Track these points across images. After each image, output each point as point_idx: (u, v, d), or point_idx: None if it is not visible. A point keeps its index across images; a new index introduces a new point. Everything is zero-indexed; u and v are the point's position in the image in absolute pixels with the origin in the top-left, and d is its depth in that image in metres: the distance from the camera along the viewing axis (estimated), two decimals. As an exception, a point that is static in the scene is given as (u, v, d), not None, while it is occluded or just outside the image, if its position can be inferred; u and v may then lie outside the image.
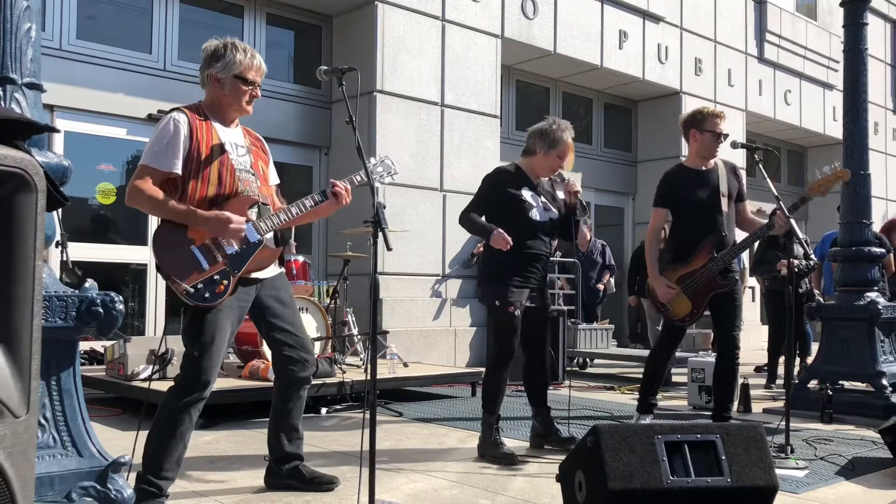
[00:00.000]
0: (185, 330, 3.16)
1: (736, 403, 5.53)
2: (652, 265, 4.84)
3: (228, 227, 3.10)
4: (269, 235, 3.29)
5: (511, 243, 4.12)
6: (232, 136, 3.30)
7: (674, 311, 4.80)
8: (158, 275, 3.19)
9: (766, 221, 4.81)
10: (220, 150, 3.19)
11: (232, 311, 3.19)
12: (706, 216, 4.74)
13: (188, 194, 3.11)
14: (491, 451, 4.19)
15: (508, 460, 4.10)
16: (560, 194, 4.50)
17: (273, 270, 3.39)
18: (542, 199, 4.40)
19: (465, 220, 4.39)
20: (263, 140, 3.52)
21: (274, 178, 3.52)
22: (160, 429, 3.10)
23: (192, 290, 3.04)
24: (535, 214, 4.31)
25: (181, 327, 3.20)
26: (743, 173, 4.95)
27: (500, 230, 4.13)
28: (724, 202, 4.77)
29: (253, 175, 3.30)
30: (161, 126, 3.15)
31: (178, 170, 3.10)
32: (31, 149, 2.19)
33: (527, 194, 4.34)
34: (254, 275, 3.26)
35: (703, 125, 4.77)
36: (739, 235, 4.92)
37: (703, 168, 4.82)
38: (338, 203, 3.34)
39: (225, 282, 3.11)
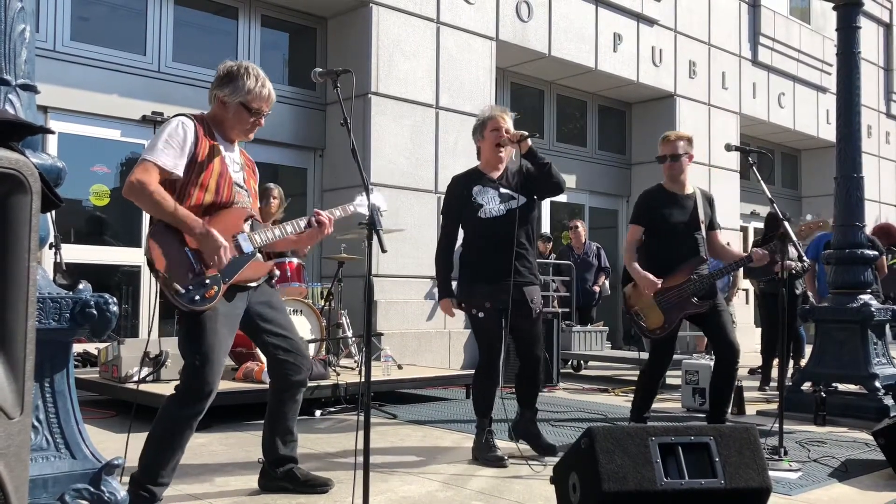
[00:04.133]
0: (184, 339, 3.14)
1: (730, 406, 5.55)
2: (632, 268, 4.83)
3: (219, 251, 3.07)
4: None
5: (454, 315, 4.43)
6: (229, 151, 3.32)
7: (647, 323, 4.85)
8: (152, 276, 3.18)
9: (735, 251, 4.88)
10: (220, 161, 3.21)
11: (229, 319, 3.19)
12: (685, 239, 4.81)
13: (185, 199, 3.10)
14: (482, 454, 4.20)
15: (497, 463, 4.10)
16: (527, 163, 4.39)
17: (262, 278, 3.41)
18: (502, 189, 4.33)
19: (437, 264, 4.45)
20: (255, 163, 3.55)
21: (258, 203, 3.57)
22: (159, 438, 3.08)
23: (182, 290, 3.03)
24: (485, 212, 4.27)
25: (178, 337, 3.19)
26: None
27: (447, 303, 4.35)
28: (702, 228, 4.86)
29: (245, 191, 3.35)
30: (170, 127, 3.13)
31: (181, 172, 3.09)
32: (26, 150, 2.18)
33: (478, 191, 4.32)
34: (246, 280, 3.28)
35: (658, 152, 4.93)
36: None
37: (681, 192, 4.89)
38: (320, 232, 3.41)
39: (215, 287, 3.10)
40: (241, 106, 3.24)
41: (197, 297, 3.05)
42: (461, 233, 4.46)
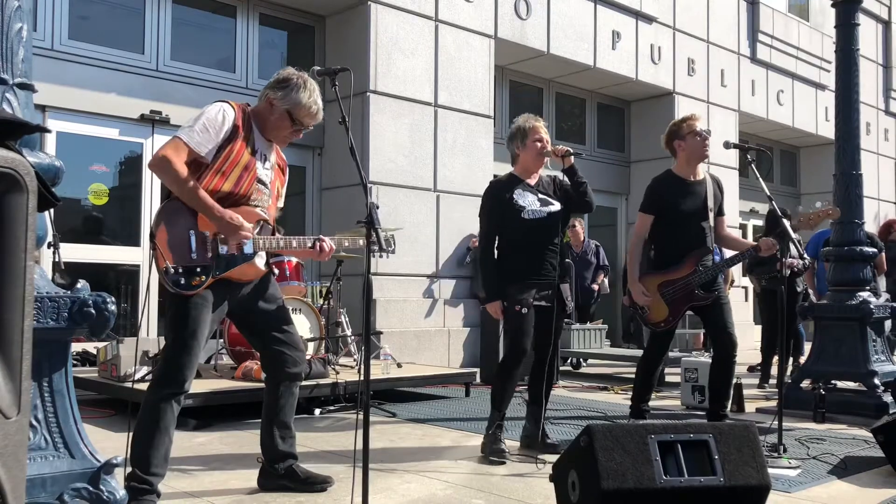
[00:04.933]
0: (168, 321, 3.21)
1: (729, 403, 5.55)
2: (633, 268, 4.86)
3: (238, 232, 3.17)
4: (262, 254, 3.35)
5: (501, 317, 4.38)
6: (264, 147, 3.38)
7: (650, 316, 4.84)
8: (152, 272, 3.21)
9: (742, 238, 4.86)
10: (250, 154, 3.26)
11: (214, 311, 3.23)
12: (692, 228, 4.78)
13: (204, 182, 3.14)
14: (488, 447, 4.26)
15: (498, 456, 4.17)
16: (563, 178, 4.51)
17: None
18: (540, 195, 4.43)
19: (482, 264, 4.54)
20: (287, 163, 3.61)
21: (281, 202, 3.60)
22: (144, 423, 3.13)
23: (171, 269, 3.08)
24: (527, 214, 4.36)
25: (165, 318, 3.24)
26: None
27: (497, 305, 4.35)
28: (710, 216, 4.83)
29: (268, 190, 3.39)
30: (210, 111, 3.19)
31: (209, 157, 3.15)
32: (23, 149, 2.17)
33: (518, 195, 4.39)
34: (237, 278, 3.29)
35: (682, 131, 4.83)
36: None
37: (692, 179, 4.84)
38: (319, 255, 3.47)
39: (203, 277, 3.15)
40: (287, 114, 3.32)
41: (182, 281, 3.11)
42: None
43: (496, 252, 4.49)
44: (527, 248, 4.36)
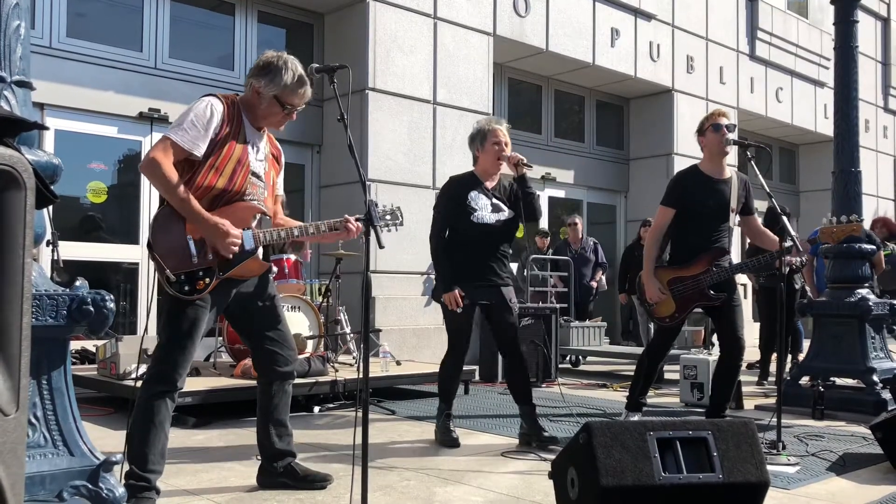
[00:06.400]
0: (163, 319, 3.19)
1: (728, 403, 5.55)
2: (648, 263, 4.84)
3: (224, 240, 3.12)
4: (261, 248, 3.33)
5: (460, 308, 4.42)
6: (256, 139, 3.34)
7: (656, 310, 4.83)
8: (150, 270, 3.20)
9: (774, 237, 4.86)
10: (242, 148, 3.23)
11: (211, 311, 3.22)
12: (711, 227, 4.74)
13: (198, 179, 3.12)
14: (440, 436, 4.52)
15: (453, 443, 4.43)
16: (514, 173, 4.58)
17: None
18: (494, 200, 4.53)
19: (436, 257, 4.60)
20: (282, 151, 3.58)
21: (279, 190, 3.56)
22: (139, 420, 3.12)
23: (174, 278, 3.08)
24: (477, 217, 4.46)
25: (160, 316, 3.23)
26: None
27: (455, 294, 4.40)
28: (731, 217, 4.78)
29: (263, 183, 3.36)
30: (198, 107, 3.16)
31: (201, 153, 3.12)
32: (21, 147, 2.17)
33: (473, 196, 4.50)
34: (240, 275, 3.29)
35: (703, 126, 4.84)
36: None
37: (718, 177, 4.79)
38: (347, 235, 3.45)
39: (206, 279, 3.14)
40: (275, 99, 3.28)
41: (187, 288, 3.11)
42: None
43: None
44: (472, 249, 4.48)
